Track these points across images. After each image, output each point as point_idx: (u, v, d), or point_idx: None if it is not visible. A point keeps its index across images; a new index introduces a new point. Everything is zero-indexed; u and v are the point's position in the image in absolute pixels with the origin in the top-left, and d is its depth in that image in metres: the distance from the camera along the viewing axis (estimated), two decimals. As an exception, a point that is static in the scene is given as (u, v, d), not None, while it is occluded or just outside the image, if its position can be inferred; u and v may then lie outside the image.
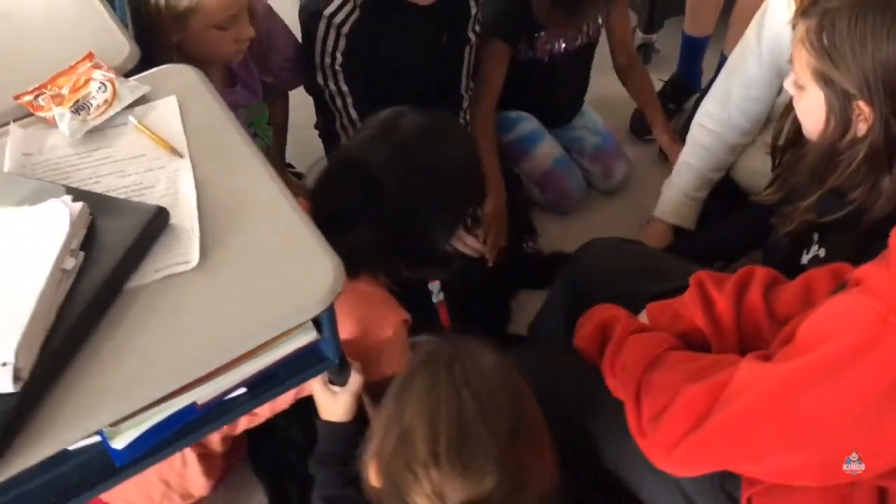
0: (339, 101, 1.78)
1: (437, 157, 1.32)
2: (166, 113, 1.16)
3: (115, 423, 0.94)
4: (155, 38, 1.47)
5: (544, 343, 1.52)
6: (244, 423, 1.35)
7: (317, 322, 1.04)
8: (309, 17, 1.71)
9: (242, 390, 1.05)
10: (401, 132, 1.33)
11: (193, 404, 1.00)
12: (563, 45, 2.00)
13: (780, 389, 0.90)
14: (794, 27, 1.25)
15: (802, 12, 1.24)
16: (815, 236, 1.38)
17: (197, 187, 1.06)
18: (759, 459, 0.96)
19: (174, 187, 1.07)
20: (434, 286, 1.54)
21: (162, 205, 1.03)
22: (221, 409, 1.04)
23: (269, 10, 1.70)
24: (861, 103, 1.20)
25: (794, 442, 0.91)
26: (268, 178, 1.08)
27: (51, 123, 1.15)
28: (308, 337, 1.03)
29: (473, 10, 1.86)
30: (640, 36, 2.47)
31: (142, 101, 1.17)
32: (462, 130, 1.41)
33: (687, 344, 1.16)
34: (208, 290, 0.97)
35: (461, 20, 1.86)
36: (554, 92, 2.12)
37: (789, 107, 1.40)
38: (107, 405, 0.89)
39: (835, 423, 0.89)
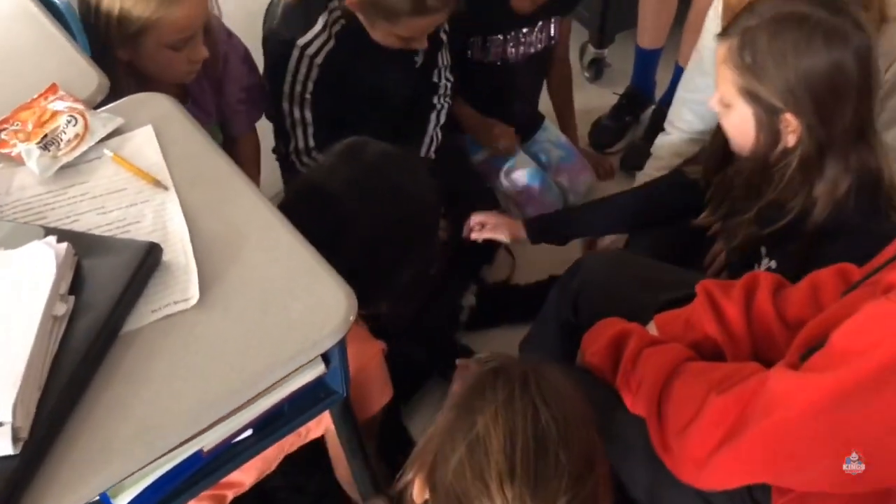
0: (299, 129, 1.73)
1: (403, 187, 1.29)
2: (144, 144, 1.09)
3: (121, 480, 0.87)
4: (103, 58, 1.39)
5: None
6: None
7: (323, 354, 0.99)
8: (280, 44, 1.65)
9: (249, 432, 0.98)
10: (365, 161, 1.29)
11: (200, 451, 0.93)
12: (516, 51, 1.98)
13: (824, 400, 0.88)
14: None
15: (723, 33, 1.28)
16: (763, 250, 1.40)
17: (186, 220, 1.00)
18: (802, 471, 0.94)
19: (162, 221, 1.00)
20: None
21: (154, 240, 0.96)
22: (228, 454, 0.98)
23: (229, 33, 1.64)
24: (788, 115, 1.23)
25: (839, 453, 0.89)
26: (261, 205, 1.02)
27: (17, 161, 1.07)
28: (316, 371, 0.97)
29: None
30: (591, 51, 2.47)
31: (115, 132, 1.10)
32: (422, 164, 1.38)
33: (700, 353, 1.14)
34: (212, 328, 0.91)
35: (434, 33, 1.82)
36: (510, 103, 2.11)
37: (717, 131, 1.43)
38: (112, 462, 0.82)
39: (883, 432, 0.87)
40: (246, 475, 1.25)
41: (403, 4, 1.53)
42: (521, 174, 2.07)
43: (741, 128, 1.30)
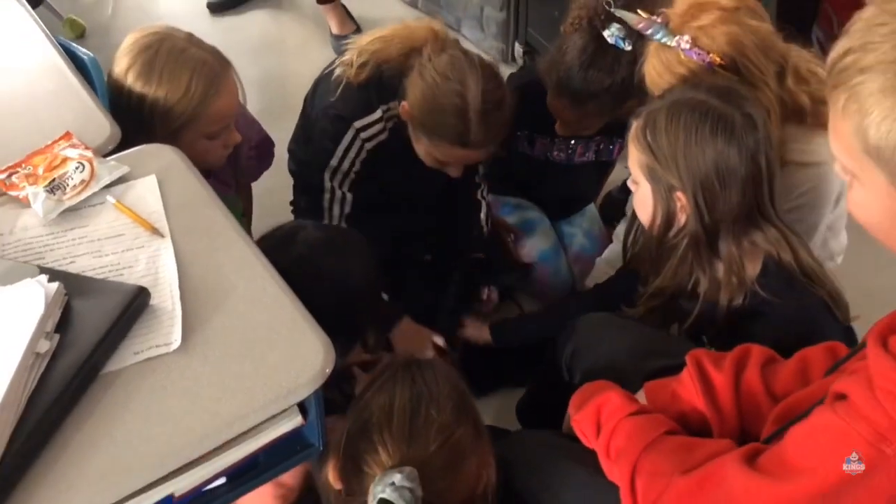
0: (336, 207, 1.76)
1: (334, 270, 1.31)
2: (146, 192, 1.13)
3: (86, 520, 0.87)
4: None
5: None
6: None
7: (301, 406, 1.00)
8: (336, 119, 1.69)
9: (222, 480, 0.99)
10: (300, 245, 1.32)
11: (170, 497, 0.94)
12: (564, 155, 1.99)
13: None
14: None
15: (635, 114, 1.36)
16: (705, 339, 1.43)
17: (178, 267, 1.03)
18: None
19: (154, 267, 1.03)
20: None
21: (144, 285, 0.99)
22: (199, 501, 0.98)
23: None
24: (679, 194, 1.30)
25: None
26: (252, 258, 1.05)
27: (23, 203, 1.11)
28: (293, 422, 0.98)
29: None
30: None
31: (120, 180, 1.14)
32: (361, 247, 1.39)
33: (686, 423, 1.14)
34: (190, 373, 0.93)
35: None
36: (549, 191, 2.12)
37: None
38: (80, 499, 0.83)
39: None
40: None
41: (448, 132, 1.56)
42: (533, 248, 2.05)
43: (644, 204, 1.36)
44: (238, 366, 0.93)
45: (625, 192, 2.36)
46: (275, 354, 0.94)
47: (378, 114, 1.67)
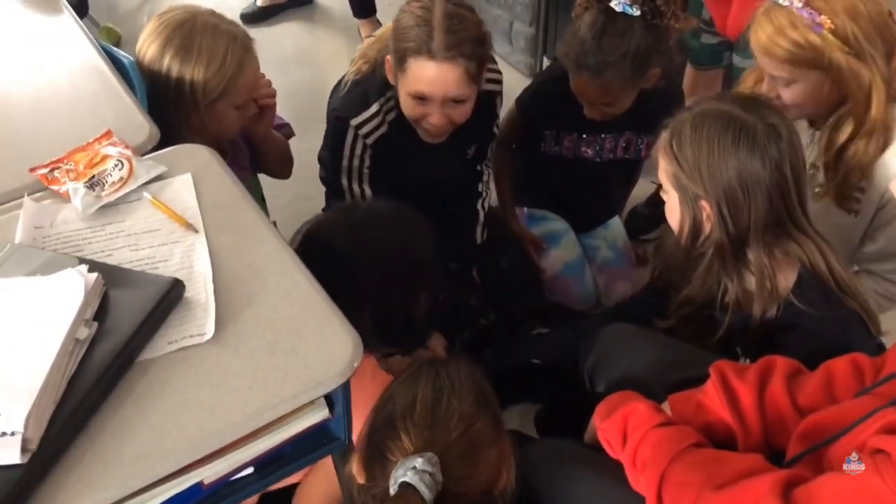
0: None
1: (394, 240, 1.40)
2: (181, 189, 1.16)
3: (118, 502, 0.90)
4: (177, 122, 1.49)
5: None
6: None
7: (328, 400, 1.02)
8: (336, 120, 1.75)
9: (250, 470, 1.01)
10: (363, 217, 1.44)
11: (200, 484, 0.96)
12: (592, 151, 2.01)
13: None
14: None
15: (664, 125, 1.38)
16: (738, 350, 1.43)
17: (212, 261, 1.06)
18: None
19: (189, 261, 1.06)
20: None
21: (179, 278, 1.02)
22: (228, 489, 1.00)
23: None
24: (704, 203, 1.31)
25: None
26: (283, 252, 1.08)
27: (64, 198, 1.15)
28: (320, 415, 1.00)
29: (498, 110, 1.90)
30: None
31: (157, 178, 1.18)
32: (416, 218, 1.45)
33: (710, 435, 1.15)
34: (222, 363, 0.95)
35: (489, 124, 1.89)
36: (575, 196, 2.13)
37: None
38: (114, 480, 0.85)
39: None
40: None
41: (413, 44, 1.56)
42: (558, 260, 2.06)
43: (673, 213, 1.38)
44: (268, 357, 0.96)
45: (650, 207, 2.38)
46: (304, 347, 0.96)
47: (374, 108, 1.71)
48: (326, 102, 1.83)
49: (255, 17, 3.15)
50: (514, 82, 2.45)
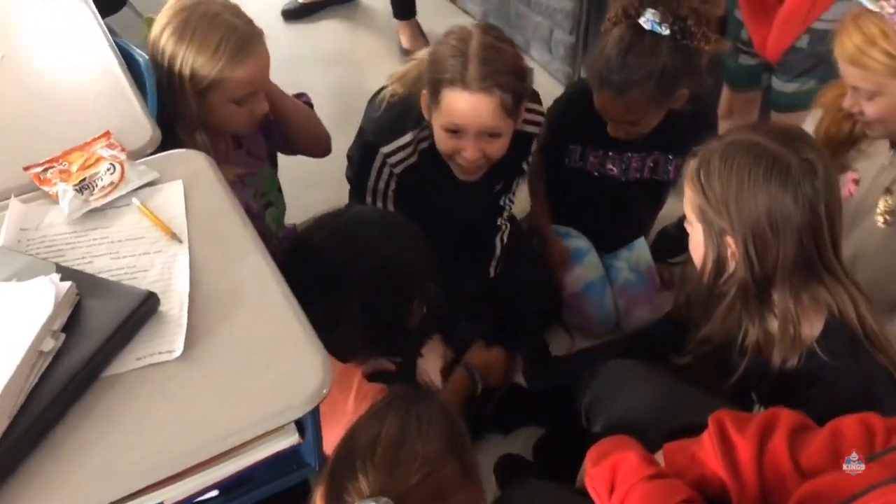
0: None
1: (380, 244, 1.38)
2: (171, 197, 1.14)
3: (73, 521, 0.87)
4: (176, 110, 1.50)
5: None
6: None
7: (299, 424, 0.98)
8: (364, 145, 1.72)
9: (214, 493, 0.98)
10: (348, 215, 1.44)
11: (162, 505, 0.94)
12: (618, 169, 1.95)
13: None
14: None
15: (692, 153, 1.30)
16: (754, 396, 1.36)
17: (193, 273, 1.03)
18: None
19: (168, 273, 1.03)
20: None
21: (154, 290, 0.99)
22: (192, 511, 0.97)
23: (281, 94, 1.73)
24: (730, 239, 1.24)
25: None
26: (265, 268, 1.05)
27: (54, 199, 1.13)
28: (289, 440, 0.97)
29: (533, 148, 1.85)
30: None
31: (149, 183, 1.16)
32: (412, 234, 1.42)
33: (704, 489, 1.08)
34: (190, 383, 0.92)
35: (520, 161, 1.84)
36: (599, 214, 2.07)
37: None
38: (69, 500, 0.83)
39: None
40: None
41: (447, 74, 1.53)
42: (579, 279, 2.00)
43: (696, 247, 1.30)
44: (237, 379, 0.93)
45: (680, 230, 2.29)
46: (274, 370, 0.93)
47: (408, 137, 1.67)
48: (360, 105, 1.79)
49: (296, 13, 3.13)
50: (552, 91, 2.39)
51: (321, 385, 0.92)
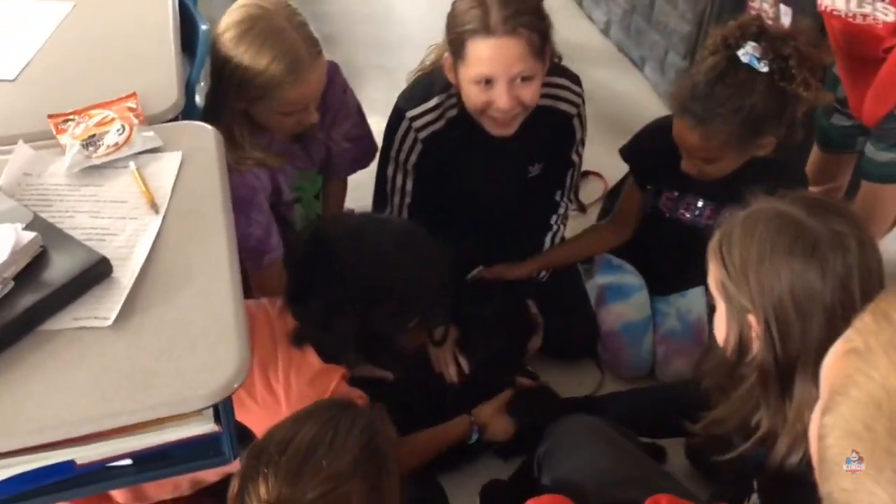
0: (397, 197, 1.76)
1: (390, 256, 1.35)
2: (165, 167, 1.16)
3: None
4: (222, 101, 1.51)
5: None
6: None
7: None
8: (395, 110, 1.71)
9: (128, 461, 1.01)
10: (367, 224, 1.42)
11: (72, 462, 0.97)
12: (690, 214, 1.85)
13: None
14: None
15: (718, 225, 1.19)
16: (755, 484, 1.23)
17: (155, 246, 1.05)
18: None
19: (134, 241, 1.06)
20: None
21: (116, 255, 1.02)
22: (102, 474, 1.00)
23: (344, 89, 1.72)
24: (751, 317, 1.12)
25: None
26: (224, 258, 1.05)
27: (63, 150, 1.18)
28: (203, 427, 0.98)
29: (578, 135, 1.79)
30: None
31: (152, 150, 1.19)
32: (433, 252, 1.37)
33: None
34: (111, 352, 0.94)
35: (562, 146, 1.79)
36: (662, 255, 1.95)
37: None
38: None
39: None
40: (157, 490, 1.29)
41: (469, 24, 1.50)
42: (618, 317, 1.90)
43: (720, 326, 1.18)
44: (156, 359, 0.93)
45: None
46: (193, 358, 0.93)
47: (434, 101, 1.65)
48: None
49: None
50: (656, 112, 2.29)
51: (231, 381, 0.92)
